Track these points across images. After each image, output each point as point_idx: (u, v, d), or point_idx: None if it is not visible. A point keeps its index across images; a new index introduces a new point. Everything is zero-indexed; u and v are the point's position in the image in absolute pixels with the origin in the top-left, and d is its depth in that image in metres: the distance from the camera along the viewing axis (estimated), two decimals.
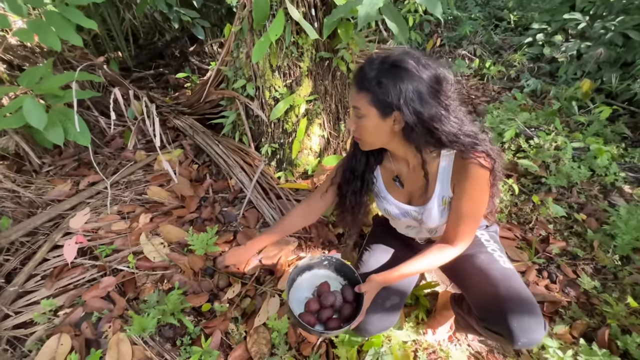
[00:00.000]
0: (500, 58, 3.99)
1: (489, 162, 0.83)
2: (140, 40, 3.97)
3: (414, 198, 0.99)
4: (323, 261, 1.10)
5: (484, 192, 0.86)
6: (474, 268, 0.99)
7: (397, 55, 0.77)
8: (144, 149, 2.08)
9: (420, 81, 0.75)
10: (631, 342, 1.23)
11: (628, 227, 1.66)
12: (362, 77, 0.80)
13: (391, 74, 0.76)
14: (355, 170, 1.02)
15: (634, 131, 2.76)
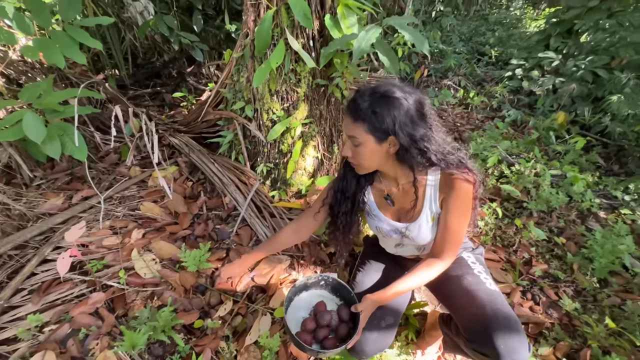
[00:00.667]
0: (483, 89, 4.25)
1: (472, 176, 0.92)
2: (138, 60, 4.07)
3: (402, 215, 1.05)
4: (320, 281, 1.12)
5: (469, 205, 0.94)
6: (461, 289, 1.03)
7: (385, 86, 0.86)
8: (139, 165, 2.10)
9: (409, 107, 0.84)
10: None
11: (604, 251, 1.76)
12: (356, 109, 0.86)
13: (383, 103, 0.83)
14: (346, 192, 1.07)
15: (607, 161, 2.96)
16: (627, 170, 2.81)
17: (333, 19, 1.46)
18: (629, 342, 1.40)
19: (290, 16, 1.46)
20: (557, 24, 4.06)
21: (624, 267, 1.76)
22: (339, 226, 1.11)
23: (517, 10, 8.70)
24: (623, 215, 2.17)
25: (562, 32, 4.01)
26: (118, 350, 1.08)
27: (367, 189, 1.10)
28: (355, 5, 1.42)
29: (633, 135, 2.95)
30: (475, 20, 7.13)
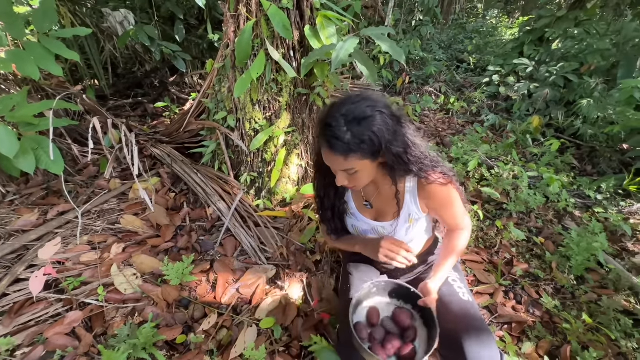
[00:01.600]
0: (463, 95, 4.38)
1: (445, 178, 0.94)
2: (119, 70, 4.01)
3: (381, 215, 1.07)
4: (371, 289, 1.01)
5: (453, 196, 0.97)
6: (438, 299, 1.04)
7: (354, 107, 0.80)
8: (119, 177, 2.05)
9: (384, 117, 0.82)
10: (589, 357, 1.32)
11: (580, 249, 1.82)
12: (341, 144, 0.79)
13: (364, 126, 0.79)
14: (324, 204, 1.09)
15: (581, 162, 3.09)
16: (600, 170, 2.93)
17: (313, 30, 1.48)
18: (606, 336, 1.45)
19: (270, 27, 1.47)
20: (529, 32, 4.26)
21: (599, 264, 1.83)
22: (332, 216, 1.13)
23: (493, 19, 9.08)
24: (597, 213, 2.26)
25: (535, 40, 4.21)
26: None
27: (348, 195, 1.11)
28: (334, 17, 1.46)
29: (603, 137, 3.10)
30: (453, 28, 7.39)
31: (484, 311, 1.61)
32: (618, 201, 2.42)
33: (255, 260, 1.65)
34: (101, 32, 3.23)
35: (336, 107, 0.81)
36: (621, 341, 1.44)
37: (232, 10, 1.52)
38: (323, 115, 0.84)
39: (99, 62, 3.17)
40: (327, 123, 0.80)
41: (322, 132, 0.82)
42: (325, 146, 0.83)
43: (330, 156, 0.84)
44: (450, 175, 0.95)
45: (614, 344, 1.44)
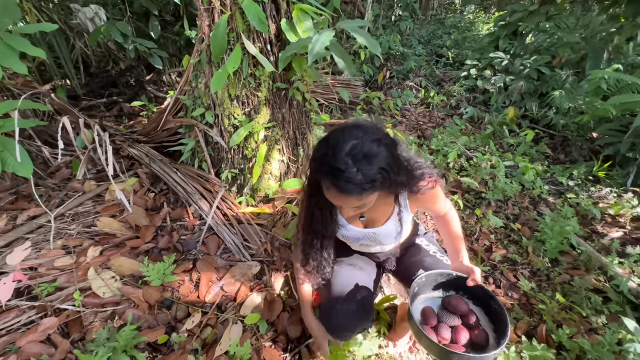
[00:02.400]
0: (442, 89, 4.47)
1: (433, 182, 0.97)
2: (91, 68, 3.85)
3: (371, 223, 1.08)
4: (414, 288, 0.94)
5: (439, 194, 1.02)
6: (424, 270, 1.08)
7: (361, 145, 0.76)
8: (94, 178, 1.98)
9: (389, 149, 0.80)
10: (563, 334, 1.39)
11: (554, 233, 1.91)
12: (354, 187, 0.75)
13: (374, 165, 0.75)
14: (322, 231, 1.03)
15: (554, 150, 3.22)
16: (571, 158, 3.07)
17: (289, 23, 1.47)
18: (578, 314, 1.53)
19: (246, 20, 1.45)
20: (504, 27, 4.38)
21: (572, 246, 1.92)
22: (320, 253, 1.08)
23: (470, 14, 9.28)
24: (569, 199, 2.36)
25: (509, 34, 4.33)
26: None
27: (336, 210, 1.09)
28: (310, 10, 1.45)
29: (574, 126, 3.24)
30: (432, 24, 7.51)
31: None
32: (588, 187, 2.54)
33: (239, 258, 1.63)
34: (70, 29, 3.09)
35: (339, 144, 0.76)
36: (592, 317, 1.52)
37: (205, 3, 1.48)
38: (323, 154, 0.78)
39: (69, 61, 3.03)
40: (336, 167, 0.75)
41: (330, 174, 0.76)
42: (334, 189, 0.78)
43: (340, 197, 0.79)
44: (435, 176, 0.97)
45: (585, 321, 1.51)
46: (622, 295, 1.61)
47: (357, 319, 1.04)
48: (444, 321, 0.88)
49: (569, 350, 1.37)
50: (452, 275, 0.93)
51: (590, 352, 1.32)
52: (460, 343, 0.84)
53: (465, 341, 0.84)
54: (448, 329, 0.86)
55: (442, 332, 0.85)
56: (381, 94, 3.65)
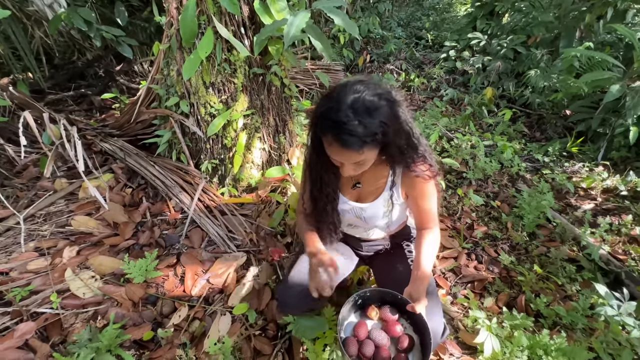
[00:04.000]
0: (423, 72, 4.47)
1: (432, 172, 0.95)
2: (55, 60, 3.61)
3: (361, 197, 1.07)
4: (357, 301, 0.97)
5: (432, 192, 0.99)
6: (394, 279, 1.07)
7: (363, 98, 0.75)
8: (65, 176, 1.88)
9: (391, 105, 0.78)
10: (540, 303, 1.46)
11: (531, 208, 1.98)
12: (356, 140, 0.75)
13: (376, 118, 0.75)
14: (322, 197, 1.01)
15: (530, 129, 3.31)
16: (547, 136, 3.17)
17: (262, 5, 1.41)
18: (554, 283, 1.61)
19: (216, 2, 1.38)
20: (481, 7, 4.39)
21: (547, 220, 2.00)
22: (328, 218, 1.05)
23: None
24: (544, 175, 2.45)
25: (486, 14, 4.35)
26: None
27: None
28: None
29: (549, 104, 3.33)
30: (411, 6, 7.43)
31: (449, 273, 1.71)
32: (562, 162, 2.64)
33: (224, 249, 1.61)
34: (27, 16, 2.86)
35: (341, 97, 0.76)
36: (567, 285, 1.60)
37: None
38: (326, 109, 0.78)
39: (29, 52, 2.82)
40: (338, 120, 0.74)
41: (332, 128, 0.76)
42: (336, 143, 0.77)
43: (342, 151, 0.79)
44: (436, 169, 0.96)
45: (561, 289, 1.59)
46: (594, 263, 1.71)
47: (303, 301, 1.02)
48: (373, 337, 0.89)
49: (546, 317, 1.44)
50: (397, 297, 0.92)
51: (566, 317, 1.39)
52: None
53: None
54: (372, 347, 0.86)
55: (365, 349, 0.86)
56: None
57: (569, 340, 1.29)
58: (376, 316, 0.96)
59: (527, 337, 1.28)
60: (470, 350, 1.32)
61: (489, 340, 1.20)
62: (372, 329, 0.91)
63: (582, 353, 1.20)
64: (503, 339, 1.27)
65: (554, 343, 1.23)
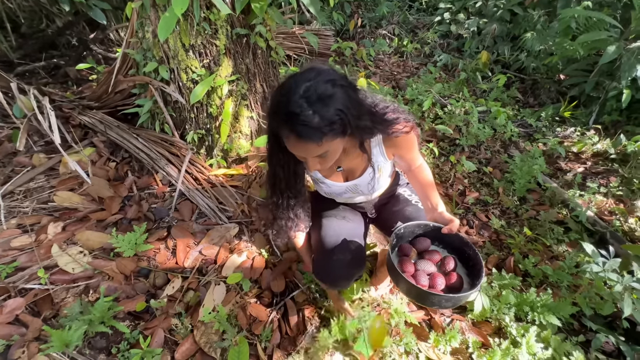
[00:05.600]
0: (416, 36, 4.30)
1: (408, 125, 0.93)
2: (22, 28, 3.33)
3: (350, 174, 1.06)
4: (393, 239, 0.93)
5: (414, 141, 0.99)
6: (405, 219, 1.08)
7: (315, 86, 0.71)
8: (44, 151, 1.79)
9: (346, 90, 0.75)
10: (528, 263, 1.50)
11: (522, 173, 1.98)
12: (311, 130, 0.71)
13: (331, 106, 0.71)
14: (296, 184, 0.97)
15: (524, 95, 3.26)
16: (540, 102, 3.13)
17: None
18: (542, 244, 1.65)
19: None
20: None
21: (538, 184, 2.02)
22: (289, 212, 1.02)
23: None
24: (536, 140, 2.44)
25: None
26: (50, 352, 0.97)
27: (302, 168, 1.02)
28: None
29: (544, 68, 3.26)
30: None
31: None
32: (555, 127, 2.63)
33: (215, 221, 1.58)
34: None
35: (292, 88, 0.71)
36: (554, 247, 1.65)
37: None
38: (278, 99, 0.73)
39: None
40: (291, 111, 0.70)
41: (286, 121, 0.72)
42: (292, 136, 0.73)
43: (300, 145, 0.75)
44: (410, 120, 0.94)
45: (548, 250, 1.64)
46: (581, 225, 1.75)
47: (353, 268, 1.06)
48: (421, 269, 0.90)
49: (534, 276, 1.49)
50: (429, 226, 0.94)
51: (552, 276, 1.44)
52: (438, 288, 0.86)
53: (442, 286, 0.86)
54: (426, 276, 0.88)
55: (420, 279, 0.87)
56: (353, 43, 3.45)
57: (555, 297, 1.34)
58: (415, 255, 0.96)
59: (515, 295, 1.32)
60: (460, 310, 1.36)
61: (478, 300, 1.23)
62: (417, 262, 0.92)
63: (566, 307, 1.26)
64: (492, 297, 1.31)
65: (540, 300, 1.28)
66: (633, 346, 1.23)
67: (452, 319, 1.34)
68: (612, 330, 1.30)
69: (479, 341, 1.22)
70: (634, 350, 1.21)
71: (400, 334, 1.21)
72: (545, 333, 1.20)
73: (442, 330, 1.27)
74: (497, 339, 1.21)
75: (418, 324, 1.26)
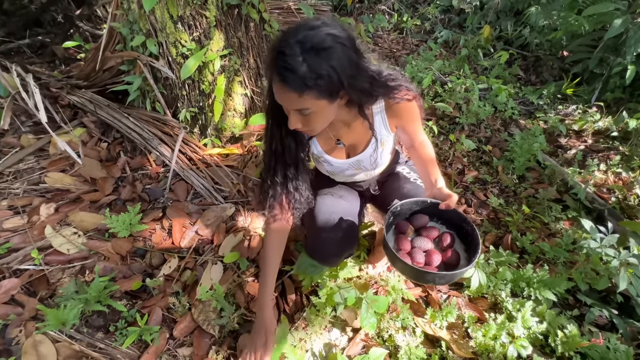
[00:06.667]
0: (416, 12, 4.14)
1: (411, 94, 0.90)
2: (5, 5, 3.18)
3: (353, 150, 1.02)
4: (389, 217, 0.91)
5: (417, 112, 0.96)
6: (403, 197, 1.05)
7: (314, 35, 0.66)
8: (32, 132, 1.74)
9: (346, 51, 0.70)
10: (526, 241, 1.50)
11: (522, 151, 1.96)
12: (295, 77, 0.67)
13: (323, 59, 0.67)
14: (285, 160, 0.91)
15: (526, 72, 3.18)
16: (542, 79, 3.06)
17: None
18: (540, 222, 1.64)
19: None
20: None
21: (537, 163, 2.00)
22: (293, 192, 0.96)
23: None
24: (537, 117, 2.40)
25: None
26: (46, 331, 0.97)
27: (312, 141, 1.00)
28: None
29: (547, 44, 3.17)
30: None
31: None
32: (556, 105, 2.58)
33: (211, 201, 1.56)
34: None
35: (291, 32, 0.67)
36: (552, 224, 1.64)
37: None
38: (275, 41, 0.70)
39: None
40: (280, 51, 0.66)
41: (274, 61, 0.68)
42: (276, 79, 0.69)
43: (282, 91, 0.70)
44: (413, 89, 0.91)
45: (546, 227, 1.63)
46: (579, 202, 1.74)
47: (343, 246, 1.06)
48: (418, 246, 0.89)
49: (531, 253, 1.49)
50: (426, 202, 0.92)
51: (549, 252, 1.44)
52: (434, 265, 0.85)
53: (438, 263, 0.86)
54: (422, 253, 0.87)
55: (416, 257, 0.86)
56: (351, 19, 3.32)
57: (551, 273, 1.34)
58: (411, 232, 0.95)
59: (511, 271, 1.33)
60: (457, 286, 1.37)
61: (475, 276, 1.23)
62: (414, 239, 0.91)
63: (561, 283, 1.26)
64: (488, 274, 1.31)
65: (537, 276, 1.29)
66: (625, 319, 1.24)
67: (449, 295, 1.35)
68: (606, 304, 1.31)
69: (474, 316, 1.23)
70: (626, 323, 1.23)
71: (397, 310, 1.22)
72: (540, 308, 1.21)
73: (438, 306, 1.28)
74: (493, 314, 1.22)
75: (415, 301, 1.27)
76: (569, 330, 1.13)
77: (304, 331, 1.16)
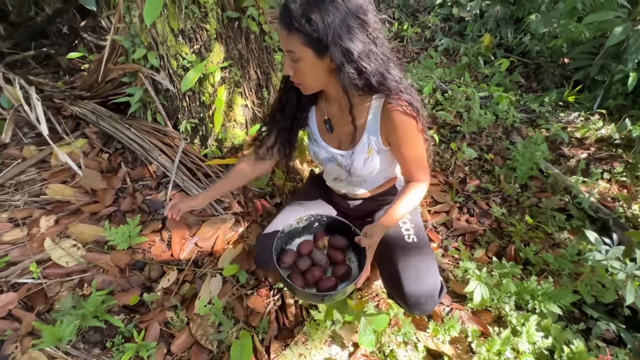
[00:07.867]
0: (417, 20, 4.17)
1: (411, 110, 0.84)
2: (11, 17, 3.24)
3: (342, 143, 0.99)
4: (313, 223, 0.99)
5: (416, 135, 0.88)
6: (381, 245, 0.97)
7: None
8: (34, 143, 1.75)
9: (347, 12, 0.70)
10: (529, 251, 1.47)
11: (524, 159, 1.94)
12: (288, 16, 0.71)
13: (317, 7, 0.69)
14: (285, 111, 0.99)
15: (527, 79, 3.18)
16: (543, 86, 3.05)
17: None
18: (544, 232, 1.62)
19: None
20: None
21: (540, 171, 1.98)
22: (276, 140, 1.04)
23: None
24: (539, 125, 2.39)
25: None
26: (43, 346, 0.96)
27: (311, 109, 1.03)
28: None
29: (548, 52, 3.17)
30: None
31: (441, 227, 1.71)
32: (558, 112, 2.57)
33: (211, 212, 1.56)
34: None
35: None
36: (555, 234, 1.62)
37: None
38: None
39: None
40: None
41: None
42: (278, 16, 0.76)
43: (277, 28, 0.78)
44: (417, 107, 0.85)
45: (550, 238, 1.61)
46: (583, 212, 1.71)
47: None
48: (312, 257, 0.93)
49: (534, 264, 1.47)
50: (350, 228, 0.94)
51: (553, 263, 1.41)
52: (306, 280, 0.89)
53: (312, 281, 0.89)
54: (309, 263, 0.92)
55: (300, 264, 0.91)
56: None
57: (555, 285, 1.32)
58: (322, 244, 0.97)
59: (515, 283, 1.30)
60: (460, 299, 1.35)
61: (478, 289, 1.21)
62: (316, 250, 0.95)
63: (567, 295, 1.24)
64: (492, 286, 1.29)
65: (541, 288, 1.26)
66: (634, 333, 1.21)
67: (452, 308, 1.32)
68: (613, 317, 1.28)
69: (478, 330, 1.20)
70: (634, 337, 1.20)
71: (399, 324, 1.19)
72: (545, 321, 1.19)
73: (441, 319, 1.26)
74: (497, 327, 1.20)
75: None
76: (576, 345, 1.10)
77: (304, 346, 1.14)
